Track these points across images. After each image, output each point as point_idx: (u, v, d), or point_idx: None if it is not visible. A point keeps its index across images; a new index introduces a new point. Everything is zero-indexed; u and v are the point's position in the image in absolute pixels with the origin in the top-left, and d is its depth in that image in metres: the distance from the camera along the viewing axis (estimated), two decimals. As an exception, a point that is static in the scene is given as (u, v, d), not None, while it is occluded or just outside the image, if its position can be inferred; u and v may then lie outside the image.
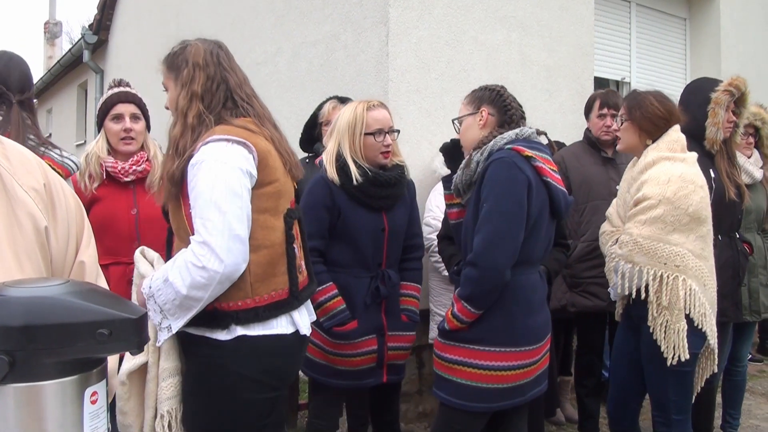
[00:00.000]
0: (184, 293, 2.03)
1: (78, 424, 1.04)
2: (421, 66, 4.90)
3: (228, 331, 2.13)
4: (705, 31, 7.69)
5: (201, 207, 2.05)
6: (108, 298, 1.09)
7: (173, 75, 2.31)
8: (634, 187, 3.15)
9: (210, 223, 2.03)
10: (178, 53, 2.32)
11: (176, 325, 2.10)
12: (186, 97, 2.23)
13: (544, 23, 5.74)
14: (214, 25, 7.91)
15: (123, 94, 3.17)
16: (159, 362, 2.18)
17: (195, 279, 2.02)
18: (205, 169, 2.08)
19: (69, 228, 1.49)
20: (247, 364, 2.16)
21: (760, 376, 6.01)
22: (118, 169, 3.10)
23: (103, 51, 12.87)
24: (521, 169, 2.66)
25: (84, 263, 1.52)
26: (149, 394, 2.18)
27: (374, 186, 3.13)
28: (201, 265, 2.01)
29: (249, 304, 2.15)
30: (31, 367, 1.00)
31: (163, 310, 2.09)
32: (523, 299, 2.76)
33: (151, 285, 2.13)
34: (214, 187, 2.05)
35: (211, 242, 2.01)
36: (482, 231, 2.65)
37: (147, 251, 2.38)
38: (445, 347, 2.78)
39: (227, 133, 2.14)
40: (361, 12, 5.04)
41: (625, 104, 3.30)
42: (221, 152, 2.10)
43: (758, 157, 4.26)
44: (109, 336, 1.03)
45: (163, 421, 2.15)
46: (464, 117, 2.95)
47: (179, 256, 2.10)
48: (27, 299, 1.02)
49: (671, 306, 2.96)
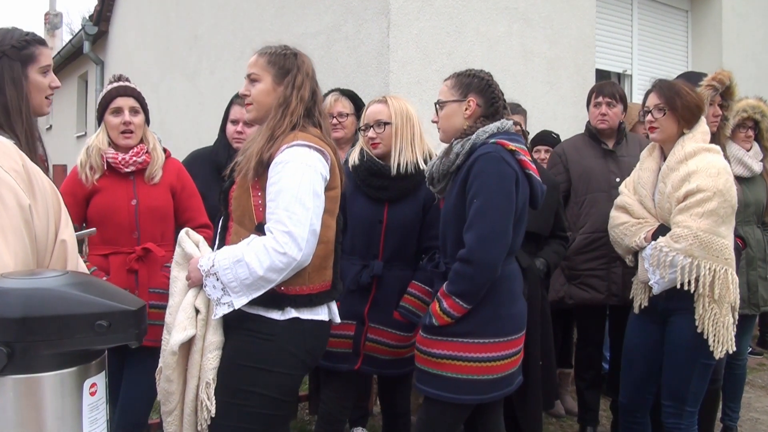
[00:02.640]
0: (261, 274, 2.25)
1: (77, 415, 1.05)
2: (422, 58, 4.89)
3: (283, 312, 2.37)
4: (707, 23, 7.67)
5: (287, 201, 2.29)
6: (106, 290, 1.09)
7: (277, 72, 2.51)
8: (676, 178, 3.08)
9: (296, 216, 2.27)
10: (288, 56, 2.54)
11: (239, 303, 2.30)
12: (296, 98, 2.47)
13: (545, 15, 5.73)
14: (214, 16, 7.90)
15: (122, 88, 3.20)
16: (206, 336, 2.39)
17: (274, 263, 2.25)
18: (292, 168, 2.33)
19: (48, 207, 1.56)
20: (295, 341, 2.40)
21: (759, 369, 6.02)
22: (118, 159, 3.12)
23: (104, 42, 12.85)
24: (509, 164, 2.65)
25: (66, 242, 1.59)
26: (194, 364, 2.39)
27: (370, 174, 3.21)
28: (283, 251, 2.25)
29: (305, 290, 2.42)
30: (29, 358, 1.00)
31: (226, 287, 2.30)
32: (506, 289, 2.76)
33: (214, 263, 2.32)
34: (301, 185, 2.31)
35: (295, 233, 2.26)
36: (475, 227, 2.63)
37: (191, 233, 2.58)
38: (431, 342, 2.74)
39: (308, 140, 2.39)
40: (361, 3, 5.02)
41: (660, 94, 3.20)
42: (306, 156, 2.36)
43: (758, 150, 4.25)
44: (108, 328, 1.03)
45: (208, 389, 2.35)
46: (448, 102, 2.87)
47: (257, 240, 2.30)
48: (26, 291, 1.02)
49: (721, 299, 2.96)
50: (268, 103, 2.50)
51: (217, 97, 6.92)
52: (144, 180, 3.17)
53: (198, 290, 2.40)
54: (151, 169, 3.18)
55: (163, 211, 3.20)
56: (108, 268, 3.07)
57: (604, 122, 4.17)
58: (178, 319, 2.38)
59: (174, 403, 2.42)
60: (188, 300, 2.41)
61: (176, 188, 3.26)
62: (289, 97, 2.47)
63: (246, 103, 2.58)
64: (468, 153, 2.73)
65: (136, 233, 3.11)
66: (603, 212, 3.56)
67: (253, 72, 2.54)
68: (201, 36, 8.34)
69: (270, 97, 2.50)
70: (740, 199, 3.93)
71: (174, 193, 3.26)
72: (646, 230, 3.19)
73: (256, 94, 2.53)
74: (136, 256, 3.07)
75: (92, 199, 3.11)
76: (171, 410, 2.43)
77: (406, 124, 3.24)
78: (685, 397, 3.13)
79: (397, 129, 3.22)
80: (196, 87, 8.44)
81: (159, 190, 3.19)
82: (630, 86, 7.19)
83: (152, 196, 3.16)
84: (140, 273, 3.08)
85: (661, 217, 3.19)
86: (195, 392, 2.39)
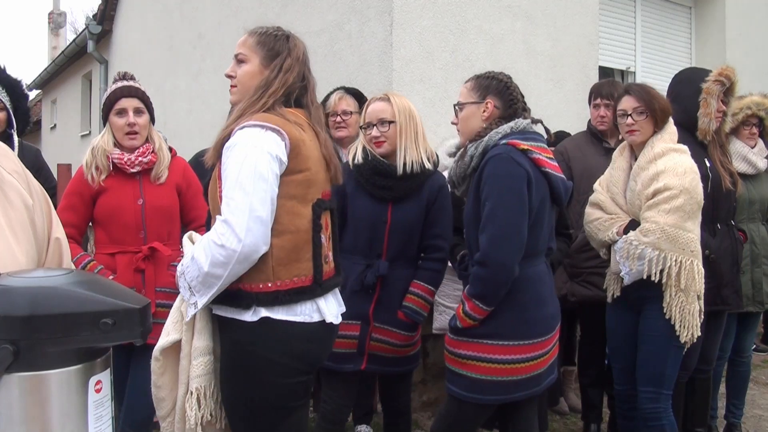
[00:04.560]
0: (206, 270, 2.11)
1: (82, 412, 1.06)
2: (426, 55, 4.89)
3: (253, 313, 2.20)
4: (710, 20, 7.66)
5: (228, 187, 2.13)
6: (111, 288, 1.10)
7: (266, 54, 2.36)
8: (645, 177, 3.23)
9: (233, 203, 2.10)
10: (279, 38, 2.38)
11: (201, 302, 2.17)
12: (280, 81, 2.32)
13: (548, 12, 5.72)
14: (218, 15, 7.90)
15: (126, 88, 3.20)
16: (192, 341, 2.25)
17: (215, 256, 2.09)
18: (236, 151, 2.16)
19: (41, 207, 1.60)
20: (273, 347, 2.22)
21: (764, 366, 6.01)
22: (124, 160, 3.13)
23: (108, 41, 12.87)
24: (519, 164, 2.66)
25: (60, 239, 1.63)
26: (182, 371, 2.26)
27: (375, 174, 3.18)
28: (220, 243, 2.08)
29: (270, 287, 2.21)
30: (35, 356, 1.01)
31: (190, 287, 2.18)
32: (532, 291, 2.77)
33: (182, 263, 2.23)
34: (242, 169, 2.12)
35: (231, 221, 2.09)
36: (487, 229, 2.65)
37: (194, 235, 2.44)
38: (456, 343, 2.79)
39: (263, 119, 2.22)
40: (365, 1, 5.03)
41: (638, 97, 3.30)
42: (254, 137, 2.18)
43: (762, 147, 4.24)
44: (112, 326, 1.04)
45: (191, 398, 2.22)
46: (467, 104, 2.91)
47: (206, 234, 2.19)
48: (31, 289, 1.03)
49: (687, 289, 3.15)
50: (252, 86, 2.34)
51: (221, 96, 6.92)
52: (150, 180, 3.19)
53: None
54: (158, 169, 3.19)
55: (169, 211, 3.21)
56: (115, 267, 3.09)
57: (603, 124, 4.21)
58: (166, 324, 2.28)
59: (166, 409, 2.31)
60: (175, 304, 2.31)
61: (182, 187, 3.28)
62: (272, 80, 2.32)
63: (231, 84, 2.42)
64: (481, 155, 2.76)
65: (142, 233, 3.13)
66: (606, 210, 3.57)
67: (241, 52, 2.39)
68: (205, 35, 8.35)
69: (256, 79, 2.34)
70: (745, 197, 3.95)
71: (180, 192, 3.27)
72: (618, 225, 3.35)
73: (241, 75, 2.38)
74: (143, 255, 3.09)
75: (99, 198, 3.14)
76: (165, 416, 2.32)
77: (409, 123, 3.21)
78: (662, 380, 3.28)
79: (402, 127, 3.19)
80: (201, 86, 8.45)
81: (165, 190, 3.21)
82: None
83: (158, 196, 3.18)
84: (147, 272, 3.10)
85: (632, 213, 3.35)
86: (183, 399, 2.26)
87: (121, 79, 3.26)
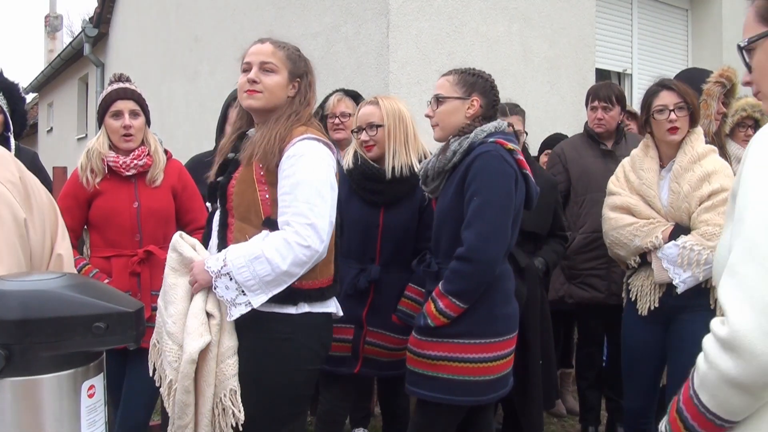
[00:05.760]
0: (284, 269, 2.22)
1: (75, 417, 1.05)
2: (422, 58, 4.89)
3: (297, 307, 2.35)
4: (706, 22, 7.67)
5: (307, 193, 2.27)
6: (104, 292, 1.09)
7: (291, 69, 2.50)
8: (693, 178, 3.07)
9: (317, 209, 2.26)
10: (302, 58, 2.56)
11: (257, 301, 2.25)
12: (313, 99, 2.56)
13: (545, 15, 5.72)
14: (214, 18, 7.90)
15: (122, 90, 3.18)
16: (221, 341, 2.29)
17: (298, 256, 2.22)
18: (308, 160, 2.32)
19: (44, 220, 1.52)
20: (311, 336, 2.40)
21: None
22: (119, 163, 3.12)
23: (104, 44, 12.86)
24: (509, 163, 2.65)
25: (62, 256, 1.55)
26: (210, 372, 2.27)
27: (365, 178, 3.16)
28: (306, 244, 2.23)
29: (316, 284, 2.40)
30: (27, 360, 1.00)
31: (242, 287, 2.24)
32: (501, 289, 2.74)
33: (226, 263, 2.24)
34: (318, 177, 2.31)
35: (317, 224, 2.25)
36: (475, 225, 2.60)
37: (186, 237, 2.50)
38: (424, 344, 2.70)
39: (321, 135, 2.42)
40: (361, 4, 5.03)
41: (678, 93, 3.17)
42: (319, 149, 2.36)
43: (758, 149, 4.24)
44: (105, 329, 1.03)
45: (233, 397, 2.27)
46: (450, 99, 2.83)
47: (275, 235, 2.26)
48: (24, 293, 1.02)
49: None
50: (280, 97, 2.45)
51: (217, 99, 6.91)
52: (145, 182, 3.17)
53: (206, 294, 2.30)
54: (153, 173, 3.17)
55: (165, 214, 3.20)
56: (110, 270, 3.07)
57: (600, 126, 4.18)
58: (191, 326, 2.25)
59: (191, 415, 2.29)
60: (198, 305, 2.29)
61: (177, 189, 3.26)
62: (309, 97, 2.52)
63: (253, 89, 2.42)
64: (466, 151, 2.71)
65: (138, 236, 3.11)
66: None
67: (271, 62, 2.44)
68: (201, 37, 8.35)
69: (282, 91, 2.46)
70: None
71: (175, 195, 3.25)
72: (661, 230, 3.14)
73: (271, 84, 2.43)
74: (138, 258, 3.07)
75: (94, 201, 3.11)
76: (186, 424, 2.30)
77: (398, 125, 3.17)
78: None
79: (390, 131, 3.15)
80: (197, 89, 8.45)
81: (160, 193, 3.19)
82: (630, 86, 7.19)
83: (154, 199, 3.16)
84: (142, 275, 3.08)
85: (672, 216, 3.15)
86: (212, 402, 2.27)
87: (116, 81, 3.24)
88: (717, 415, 1.27)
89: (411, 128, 3.22)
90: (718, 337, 1.23)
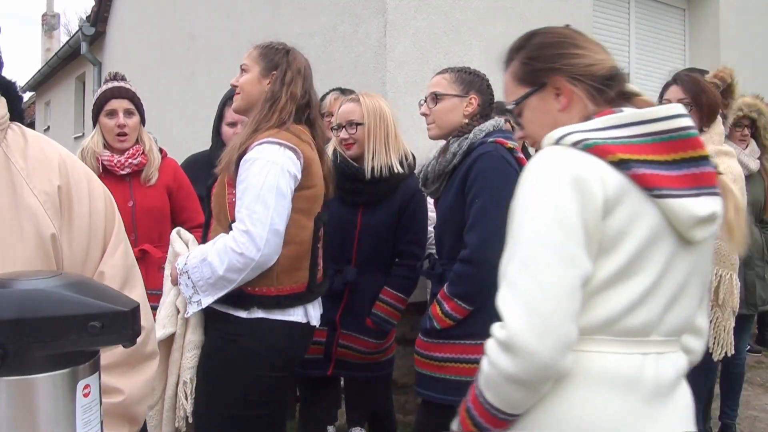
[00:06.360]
0: (221, 274, 2.24)
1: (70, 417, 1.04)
2: (419, 57, 4.88)
3: (249, 312, 2.35)
4: (704, 21, 7.67)
5: (250, 200, 2.26)
6: (100, 291, 1.09)
7: (265, 65, 2.52)
8: None
9: (255, 215, 2.24)
10: (279, 51, 2.55)
11: (206, 301, 2.31)
12: (287, 95, 2.45)
13: (543, 14, 5.72)
14: (211, 16, 7.89)
15: (116, 89, 3.18)
16: (185, 334, 2.41)
17: (232, 263, 2.23)
18: (258, 166, 2.29)
19: (91, 234, 1.38)
20: (261, 342, 2.37)
21: (758, 367, 6.02)
22: (114, 162, 3.12)
23: (101, 43, 12.85)
24: (509, 163, 2.64)
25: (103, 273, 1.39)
26: (173, 362, 2.41)
27: (344, 178, 3.06)
28: (240, 251, 2.22)
29: (272, 292, 2.37)
30: (22, 360, 1.00)
31: (195, 286, 2.31)
32: None
33: (186, 262, 2.33)
34: (264, 184, 2.27)
35: (253, 232, 2.23)
36: (478, 228, 2.58)
37: (183, 232, 2.60)
38: (432, 346, 2.69)
39: (281, 137, 2.35)
40: (358, 3, 5.02)
41: (685, 88, 3.13)
42: (274, 154, 2.32)
43: (755, 148, 4.24)
44: (101, 329, 1.02)
45: (185, 387, 2.38)
46: (447, 96, 2.81)
47: (221, 239, 2.30)
48: (19, 292, 1.02)
49: (724, 304, 2.98)
50: (253, 94, 2.50)
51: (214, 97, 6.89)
52: (140, 181, 3.18)
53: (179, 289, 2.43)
54: (148, 172, 3.18)
55: (160, 212, 3.20)
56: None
57: None
58: (159, 317, 2.41)
59: (155, 398, 2.44)
60: (170, 298, 2.44)
61: (173, 188, 3.26)
62: (278, 92, 2.45)
63: (236, 92, 2.60)
64: (465, 153, 2.70)
65: (133, 235, 3.09)
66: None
67: (245, 63, 2.56)
68: (198, 36, 8.34)
69: (255, 87, 2.51)
70: (741, 199, 3.92)
71: (170, 194, 3.25)
72: None
73: (242, 82, 2.55)
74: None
75: (89, 200, 3.11)
76: (152, 405, 2.45)
77: (379, 124, 3.12)
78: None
79: (370, 129, 3.11)
80: (194, 87, 8.44)
81: (155, 191, 3.19)
82: (627, 85, 7.19)
83: (149, 198, 3.16)
84: (137, 274, 3.08)
85: None
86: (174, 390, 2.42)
87: (111, 80, 3.25)
88: (500, 410, 1.42)
89: (392, 127, 3.16)
90: (498, 340, 1.39)
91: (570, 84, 1.56)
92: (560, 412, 1.39)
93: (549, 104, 1.60)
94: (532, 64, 1.63)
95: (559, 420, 1.39)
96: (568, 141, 1.42)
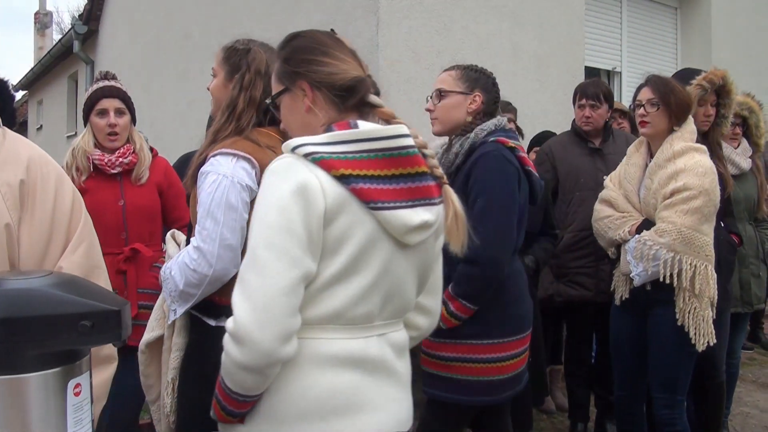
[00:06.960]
0: (181, 288, 2.23)
1: (61, 415, 1.05)
2: (412, 56, 4.89)
3: (217, 320, 2.29)
4: (695, 20, 7.70)
5: (200, 215, 2.22)
6: (90, 290, 1.09)
7: (228, 69, 2.44)
8: (663, 175, 3.13)
9: (205, 231, 2.19)
10: (240, 52, 2.43)
11: (179, 311, 2.31)
12: (245, 100, 2.35)
13: (535, 13, 5.74)
14: (204, 15, 7.88)
15: (107, 89, 3.18)
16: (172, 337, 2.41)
17: (188, 278, 2.20)
18: (209, 180, 2.23)
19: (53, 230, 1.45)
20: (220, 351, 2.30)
21: (750, 364, 6.05)
22: (104, 161, 3.12)
23: (94, 41, 12.80)
24: (510, 162, 2.64)
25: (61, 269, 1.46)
26: (164, 363, 2.44)
27: None
28: (192, 268, 2.19)
29: None
30: (13, 359, 1.00)
31: (171, 295, 2.31)
32: (512, 288, 2.75)
33: (163, 272, 2.33)
34: (213, 198, 2.20)
35: (203, 249, 2.18)
36: (480, 228, 2.54)
37: (177, 234, 2.57)
38: (438, 345, 2.69)
39: (235, 147, 2.26)
40: (351, 1, 5.02)
41: (654, 89, 3.22)
42: (225, 166, 2.24)
43: (746, 147, 4.25)
44: (91, 328, 1.03)
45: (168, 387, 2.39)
46: (452, 93, 2.81)
47: (182, 254, 2.27)
48: (8, 291, 1.02)
49: (701, 294, 3.03)
50: (219, 98, 2.44)
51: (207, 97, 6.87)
52: (131, 180, 3.17)
53: None
54: (138, 170, 3.18)
55: (150, 211, 3.19)
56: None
57: (588, 124, 4.17)
58: (150, 319, 2.45)
59: (155, 394, 2.50)
60: (158, 302, 2.45)
61: (163, 187, 3.26)
62: (235, 99, 2.35)
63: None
64: (467, 152, 2.71)
65: (124, 234, 3.10)
66: (591, 210, 3.55)
67: (213, 67, 2.51)
68: (191, 35, 8.32)
69: (222, 93, 2.43)
70: (732, 197, 3.93)
71: (161, 192, 3.25)
72: (631, 224, 3.23)
73: (212, 89, 2.51)
74: (125, 257, 3.06)
75: (80, 200, 3.11)
76: (153, 400, 2.51)
77: None
78: (675, 386, 3.19)
79: None
80: (187, 86, 8.42)
81: (146, 190, 3.19)
82: (619, 84, 7.22)
83: (140, 196, 3.15)
84: (129, 273, 3.08)
85: (645, 212, 3.23)
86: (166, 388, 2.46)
87: (102, 79, 3.24)
88: (238, 393, 1.59)
89: None
90: (229, 332, 1.52)
91: (313, 89, 1.70)
92: (293, 389, 1.58)
93: (298, 104, 1.74)
94: (286, 66, 1.76)
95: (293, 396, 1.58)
96: (301, 152, 1.55)
